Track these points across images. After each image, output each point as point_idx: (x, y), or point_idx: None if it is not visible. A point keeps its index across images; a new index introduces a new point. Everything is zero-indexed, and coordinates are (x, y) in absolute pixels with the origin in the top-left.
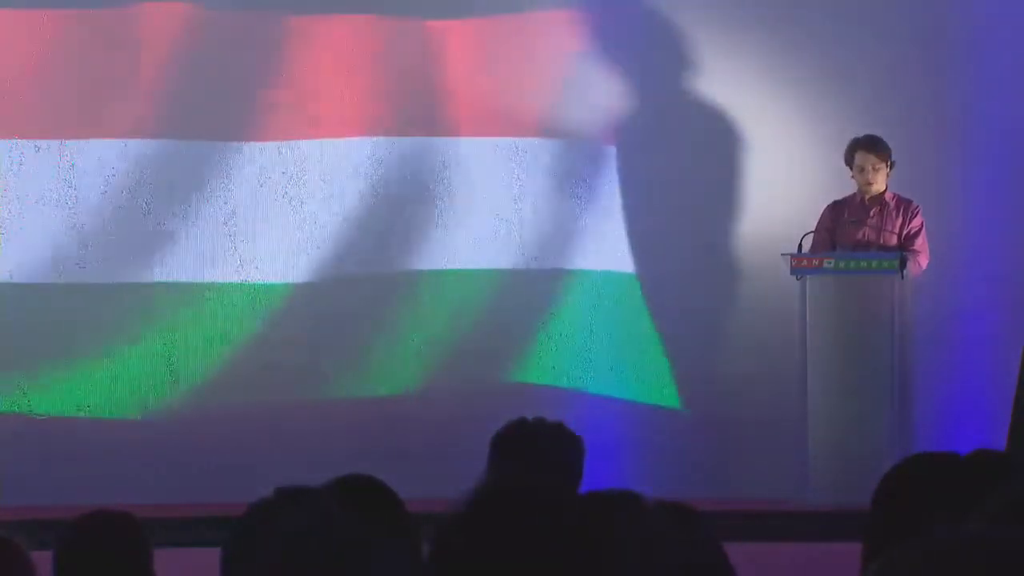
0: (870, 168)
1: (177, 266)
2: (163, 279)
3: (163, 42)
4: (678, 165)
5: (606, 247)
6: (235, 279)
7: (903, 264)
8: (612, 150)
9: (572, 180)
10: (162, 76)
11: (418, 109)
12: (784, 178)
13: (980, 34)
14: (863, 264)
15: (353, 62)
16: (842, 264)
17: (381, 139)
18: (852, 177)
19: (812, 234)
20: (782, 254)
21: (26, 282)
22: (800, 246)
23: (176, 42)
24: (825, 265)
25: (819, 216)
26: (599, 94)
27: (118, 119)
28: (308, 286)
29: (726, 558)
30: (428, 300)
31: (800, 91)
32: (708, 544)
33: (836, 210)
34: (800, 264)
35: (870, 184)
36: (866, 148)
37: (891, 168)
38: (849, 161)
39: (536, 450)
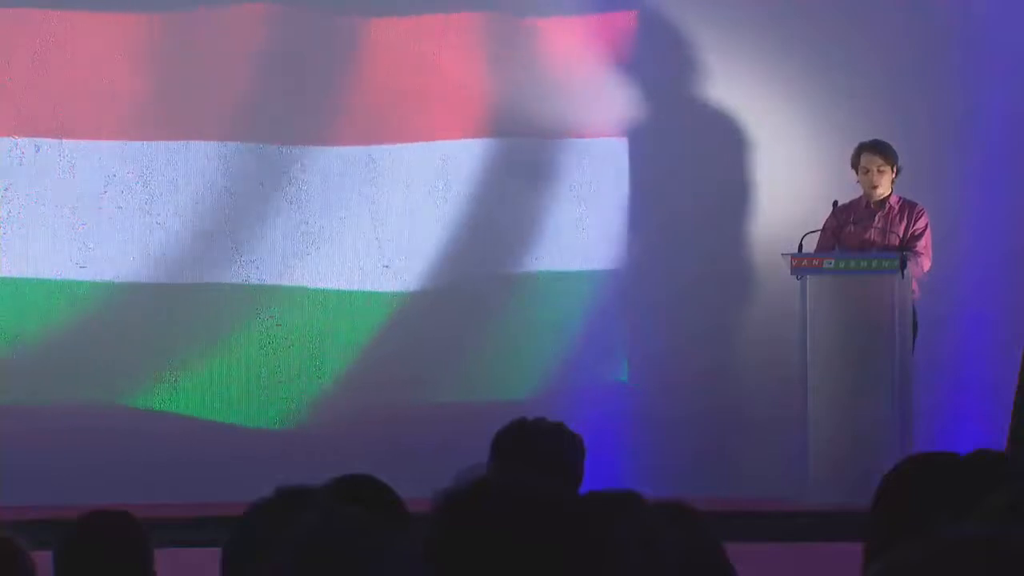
0: (875, 170)
1: (176, 265)
2: (162, 280)
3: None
4: (679, 166)
5: (606, 247)
6: (238, 280)
7: (903, 264)
8: (615, 150)
9: (574, 180)
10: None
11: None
12: (785, 178)
13: (981, 34)
14: (863, 264)
15: (357, 64)
16: (842, 264)
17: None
18: (857, 181)
19: (813, 233)
20: (782, 254)
21: (25, 277)
22: (800, 246)
23: (194, 43)
24: (825, 265)
25: (821, 216)
26: (604, 95)
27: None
28: (308, 290)
29: (725, 556)
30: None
31: (802, 91)
32: (707, 543)
33: (841, 213)
34: (800, 264)
35: (875, 187)
36: (872, 150)
37: (897, 174)
38: (855, 164)
39: (536, 450)
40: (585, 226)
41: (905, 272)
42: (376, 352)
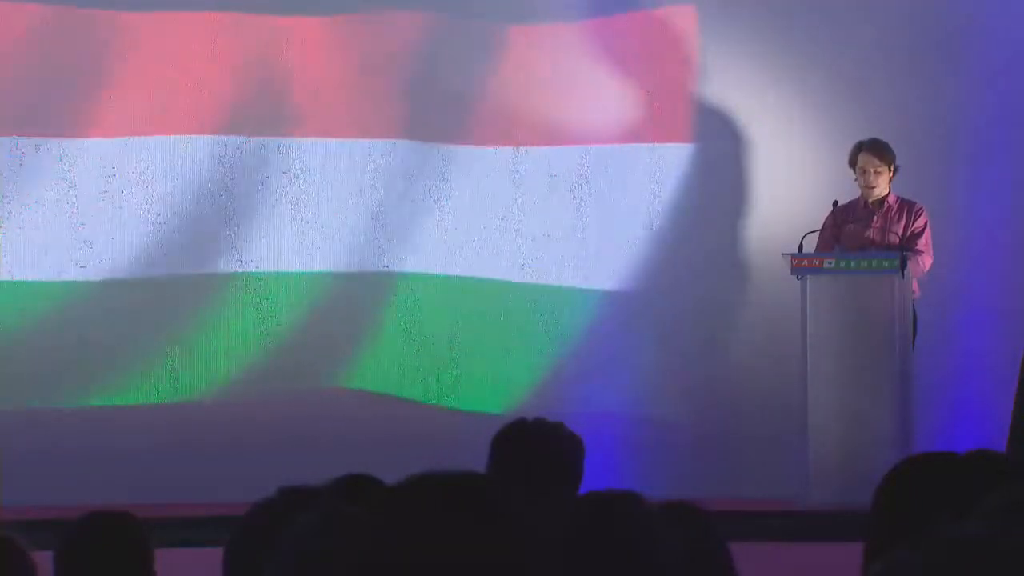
0: (872, 171)
1: (179, 261)
2: (169, 272)
3: (158, 41)
4: (678, 166)
5: (606, 248)
6: (236, 269)
7: (903, 264)
8: (614, 152)
9: (573, 182)
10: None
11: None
12: (785, 178)
13: (984, 35)
14: (863, 264)
15: (361, 64)
16: (842, 264)
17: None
18: (855, 180)
19: (813, 233)
20: (783, 254)
21: (26, 279)
22: (801, 246)
23: (178, 43)
24: (825, 265)
25: (821, 216)
26: (602, 97)
27: (122, 116)
28: (309, 277)
29: (730, 559)
30: (430, 308)
31: (802, 91)
32: (712, 544)
33: (839, 213)
34: (801, 264)
35: (871, 187)
36: (869, 151)
37: (894, 173)
38: (852, 163)
39: (536, 450)
40: (583, 228)
41: (905, 272)
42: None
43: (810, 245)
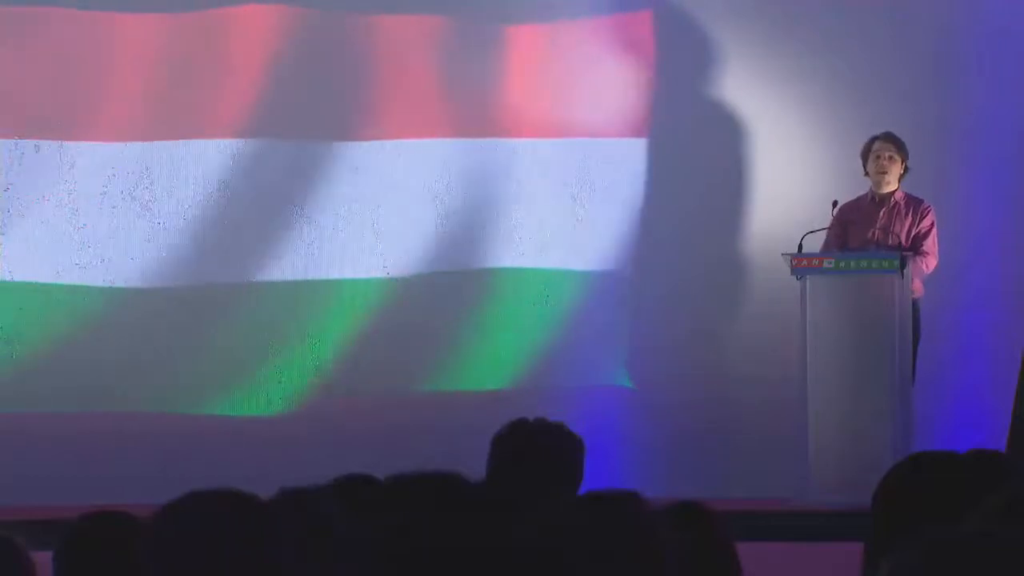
0: (886, 156)
1: (179, 265)
2: (164, 281)
3: (173, 44)
4: (679, 165)
5: (606, 247)
6: (241, 280)
7: (903, 264)
8: (615, 150)
9: (573, 180)
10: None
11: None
12: (786, 177)
13: (985, 34)
14: (863, 264)
15: (368, 64)
16: (842, 264)
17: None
18: (866, 174)
19: (813, 234)
20: (783, 254)
21: (25, 280)
22: (801, 246)
23: (172, 45)
24: (825, 265)
25: (821, 216)
26: (605, 94)
27: (133, 120)
28: (304, 283)
29: (735, 557)
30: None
31: (804, 90)
32: (716, 543)
33: (846, 210)
34: (800, 264)
35: (884, 173)
36: (884, 139)
37: (905, 171)
38: (865, 154)
39: (536, 450)
40: (584, 225)
41: (905, 272)
42: (368, 341)
43: (810, 245)
